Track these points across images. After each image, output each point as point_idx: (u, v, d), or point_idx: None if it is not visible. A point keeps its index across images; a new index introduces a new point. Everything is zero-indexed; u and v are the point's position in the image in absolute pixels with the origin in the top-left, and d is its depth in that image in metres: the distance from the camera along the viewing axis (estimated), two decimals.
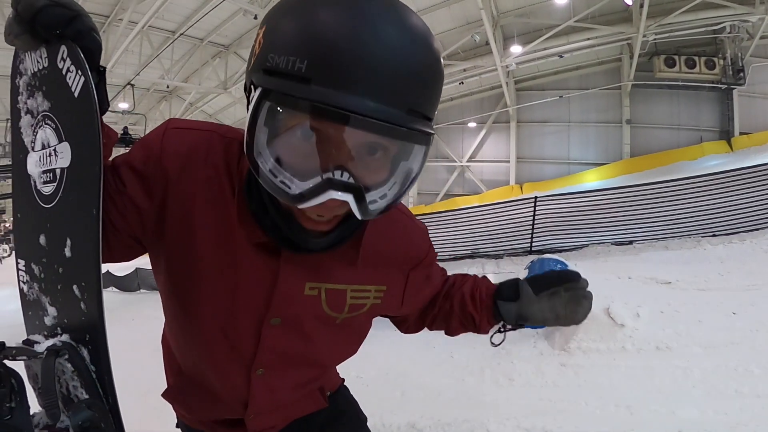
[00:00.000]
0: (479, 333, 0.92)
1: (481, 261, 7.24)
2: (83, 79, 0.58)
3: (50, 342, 0.63)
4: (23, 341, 0.65)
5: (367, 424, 1.00)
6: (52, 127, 0.64)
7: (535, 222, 7.11)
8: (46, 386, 0.58)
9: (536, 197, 7.28)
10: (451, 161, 16.00)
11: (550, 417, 2.58)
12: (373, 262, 0.74)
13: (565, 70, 14.13)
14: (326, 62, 0.48)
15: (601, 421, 2.50)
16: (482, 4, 10.83)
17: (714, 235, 5.95)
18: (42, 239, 0.67)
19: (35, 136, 0.67)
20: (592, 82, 13.83)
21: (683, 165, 11.63)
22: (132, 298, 9.64)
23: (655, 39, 11.92)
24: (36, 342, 0.64)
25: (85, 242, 0.60)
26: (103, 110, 0.59)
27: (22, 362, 0.63)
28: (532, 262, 0.92)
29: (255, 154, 0.53)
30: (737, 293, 3.91)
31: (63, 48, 0.59)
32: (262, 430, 0.85)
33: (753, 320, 3.31)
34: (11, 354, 0.59)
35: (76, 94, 0.59)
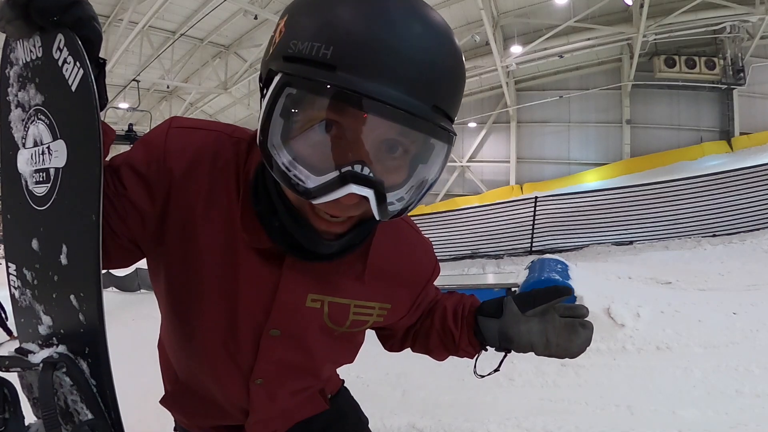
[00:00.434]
0: (459, 355, 0.83)
1: (481, 261, 7.25)
2: (82, 72, 0.52)
3: (46, 353, 0.58)
4: (16, 350, 0.60)
5: (368, 425, 0.99)
6: (46, 123, 0.58)
7: (536, 222, 7.13)
8: (44, 401, 0.54)
9: (536, 197, 7.30)
10: (451, 161, 15.70)
11: (550, 417, 2.58)
12: (379, 278, 0.72)
13: (565, 70, 14.10)
14: (353, 50, 0.46)
15: (602, 421, 2.50)
16: (482, 4, 10.80)
17: (714, 235, 5.96)
18: (35, 244, 0.61)
19: (26, 132, 0.61)
20: (592, 82, 13.79)
21: (683, 165, 11.62)
22: (132, 298, 9.62)
23: (655, 39, 11.89)
24: (30, 351, 0.59)
25: (84, 250, 0.55)
26: (101, 106, 0.54)
27: (15, 372, 0.59)
28: (532, 262, 0.92)
29: (269, 146, 0.50)
30: (737, 293, 3.92)
31: (60, 37, 0.53)
32: None
33: (753, 320, 3.32)
34: (4, 365, 0.56)
35: (74, 88, 0.53)
